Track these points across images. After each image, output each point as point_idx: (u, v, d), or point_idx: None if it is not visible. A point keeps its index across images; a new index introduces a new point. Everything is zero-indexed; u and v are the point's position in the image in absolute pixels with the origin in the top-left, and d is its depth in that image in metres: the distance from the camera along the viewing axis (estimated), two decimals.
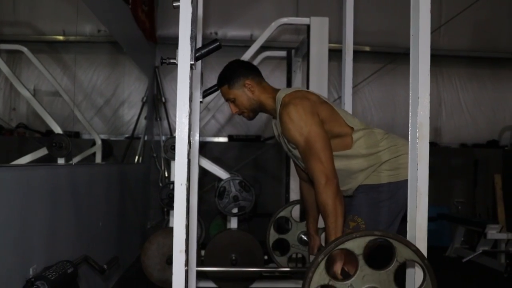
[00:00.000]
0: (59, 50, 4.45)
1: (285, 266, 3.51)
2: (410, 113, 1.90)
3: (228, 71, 2.73)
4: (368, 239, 1.71)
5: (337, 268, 2.23)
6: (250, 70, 2.72)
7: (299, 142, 2.41)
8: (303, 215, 3.32)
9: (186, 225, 1.64)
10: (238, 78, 2.67)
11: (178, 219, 1.64)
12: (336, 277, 1.95)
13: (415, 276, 1.86)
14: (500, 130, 7.69)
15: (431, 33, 1.87)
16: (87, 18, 3.95)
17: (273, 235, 3.30)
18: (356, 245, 1.70)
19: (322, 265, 1.68)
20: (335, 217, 2.24)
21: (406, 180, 2.39)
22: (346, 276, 1.82)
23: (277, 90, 2.69)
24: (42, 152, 3.34)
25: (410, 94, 1.90)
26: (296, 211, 3.66)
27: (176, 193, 1.64)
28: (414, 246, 1.73)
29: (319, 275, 1.68)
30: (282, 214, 3.33)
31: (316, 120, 2.41)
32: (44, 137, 3.80)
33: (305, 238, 3.28)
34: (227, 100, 2.75)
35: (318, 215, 2.94)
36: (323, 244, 3.01)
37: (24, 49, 3.72)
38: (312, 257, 3.27)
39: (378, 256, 2.17)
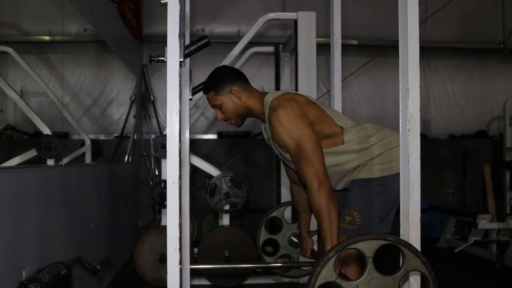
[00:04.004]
0: (46, 51, 4.42)
1: (277, 262, 3.50)
2: (400, 106, 1.90)
3: (214, 77, 2.66)
4: (381, 243, 1.70)
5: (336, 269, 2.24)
6: (236, 76, 2.66)
7: (289, 145, 2.39)
8: (295, 217, 3.32)
9: (179, 223, 1.63)
10: (225, 84, 2.61)
11: (171, 218, 1.63)
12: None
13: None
14: (489, 121, 7.74)
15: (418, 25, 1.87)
16: (73, 17, 3.92)
17: (263, 235, 3.29)
18: (368, 247, 1.70)
19: (332, 261, 1.68)
20: (329, 220, 2.23)
21: (399, 173, 2.39)
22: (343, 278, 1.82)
23: (264, 94, 2.63)
24: (31, 153, 3.31)
25: (400, 87, 1.90)
26: (288, 212, 3.65)
27: (169, 192, 1.63)
28: (424, 257, 1.73)
29: (327, 272, 1.67)
30: (274, 214, 3.32)
31: (305, 122, 2.39)
32: (33, 139, 3.78)
33: (296, 240, 3.26)
34: (213, 106, 2.69)
35: (310, 217, 2.92)
36: (314, 246, 3.00)
37: (10, 50, 3.69)
38: (303, 259, 3.27)
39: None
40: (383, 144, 2.53)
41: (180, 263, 1.64)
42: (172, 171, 1.63)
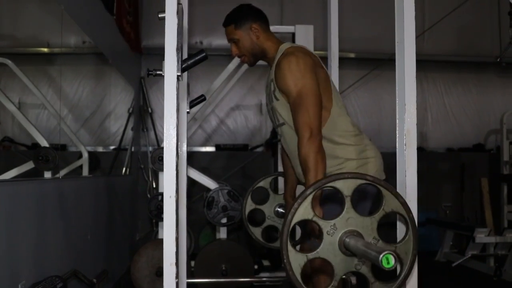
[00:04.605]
0: (44, 62, 4.42)
1: (275, 276, 3.50)
2: (397, 121, 1.91)
3: (237, 12, 2.69)
4: (359, 182, 1.69)
5: (318, 210, 2.20)
6: (259, 16, 2.69)
7: (291, 92, 2.40)
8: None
9: (176, 237, 1.62)
10: (246, 20, 2.64)
11: (168, 232, 1.62)
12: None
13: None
14: (486, 134, 7.75)
15: (415, 38, 1.88)
16: (72, 29, 3.93)
17: (249, 205, 3.28)
18: (346, 186, 1.68)
19: (309, 199, 1.66)
20: (315, 171, 2.22)
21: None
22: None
23: (282, 42, 2.68)
24: (29, 165, 3.31)
25: (397, 102, 1.91)
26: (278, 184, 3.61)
27: (165, 206, 1.62)
28: (402, 198, 1.72)
29: (305, 209, 1.65)
30: (261, 184, 3.31)
31: (313, 77, 2.40)
32: (30, 151, 3.77)
33: (281, 211, 3.25)
34: (230, 40, 2.73)
35: (297, 183, 2.91)
36: None
37: (8, 61, 3.69)
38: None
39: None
40: (361, 151, 2.52)
41: (177, 277, 1.63)
42: (169, 185, 1.62)
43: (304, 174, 2.30)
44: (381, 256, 1.48)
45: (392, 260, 1.49)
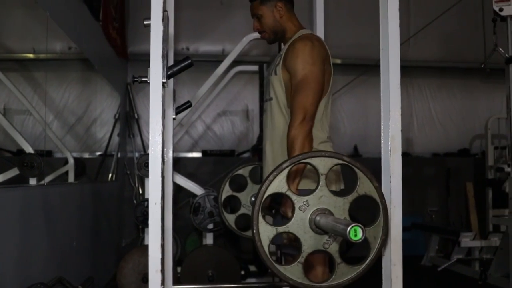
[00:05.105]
0: (29, 68, 4.39)
1: (262, 281, 3.50)
2: (382, 126, 1.91)
3: None
4: (335, 161, 1.70)
5: (293, 185, 2.24)
6: None
7: (297, 74, 2.42)
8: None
9: (161, 244, 1.62)
10: None
11: (153, 239, 1.62)
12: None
13: None
14: (471, 139, 7.82)
15: (400, 45, 1.89)
16: (57, 35, 3.92)
17: (226, 191, 3.28)
18: (323, 164, 1.70)
19: (285, 172, 1.67)
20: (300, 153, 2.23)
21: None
22: None
23: (303, 27, 2.73)
24: (13, 172, 3.29)
25: (382, 108, 1.92)
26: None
27: (151, 213, 1.62)
28: (377, 182, 1.74)
29: (279, 182, 1.67)
30: (240, 172, 3.30)
31: (321, 67, 2.45)
32: (15, 157, 3.75)
33: None
34: (253, 15, 2.75)
35: None
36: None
37: None
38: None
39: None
40: None
41: (163, 283, 1.63)
42: (155, 191, 1.62)
43: (288, 155, 2.31)
44: (348, 228, 1.49)
45: (360, 233, 1.51)
